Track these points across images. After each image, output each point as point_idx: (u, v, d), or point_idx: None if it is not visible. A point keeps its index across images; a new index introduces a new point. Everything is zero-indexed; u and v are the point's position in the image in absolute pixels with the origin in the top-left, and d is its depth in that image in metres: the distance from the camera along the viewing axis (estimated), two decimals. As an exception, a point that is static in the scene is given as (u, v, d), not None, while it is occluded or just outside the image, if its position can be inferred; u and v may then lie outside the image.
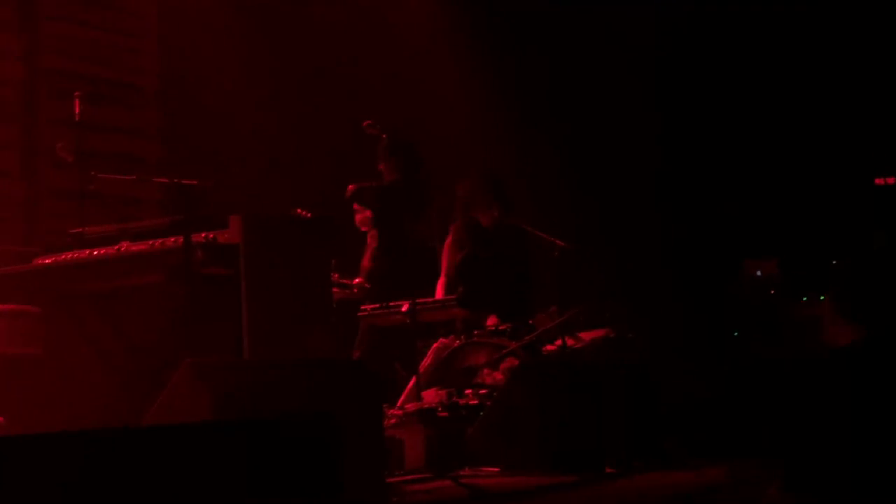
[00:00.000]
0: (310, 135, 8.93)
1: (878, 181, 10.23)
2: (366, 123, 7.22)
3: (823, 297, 8.78)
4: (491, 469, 5.89)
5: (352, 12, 9.21)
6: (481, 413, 6.19)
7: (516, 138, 9.47)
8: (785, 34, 9.95)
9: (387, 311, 6.96)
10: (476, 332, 7.03)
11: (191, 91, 8.43)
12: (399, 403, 6.62)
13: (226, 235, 5.14)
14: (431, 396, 6.45)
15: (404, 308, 6.72)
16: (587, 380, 6.24)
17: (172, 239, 5.18)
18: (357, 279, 7.46)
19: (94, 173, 6.10)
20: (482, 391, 6.52)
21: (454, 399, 6.40)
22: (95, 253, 5.40)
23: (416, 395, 6.42)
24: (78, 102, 6.04)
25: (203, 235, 5.12)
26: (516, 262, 7.61)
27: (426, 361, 6.98)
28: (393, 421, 6.14)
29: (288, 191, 8.22)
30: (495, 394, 6.33)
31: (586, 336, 7.13)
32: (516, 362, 6.66)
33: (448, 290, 7.39)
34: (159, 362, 4.96)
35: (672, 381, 6.87)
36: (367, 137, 7.30)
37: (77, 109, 6.04)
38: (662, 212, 9.83)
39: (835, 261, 9.21)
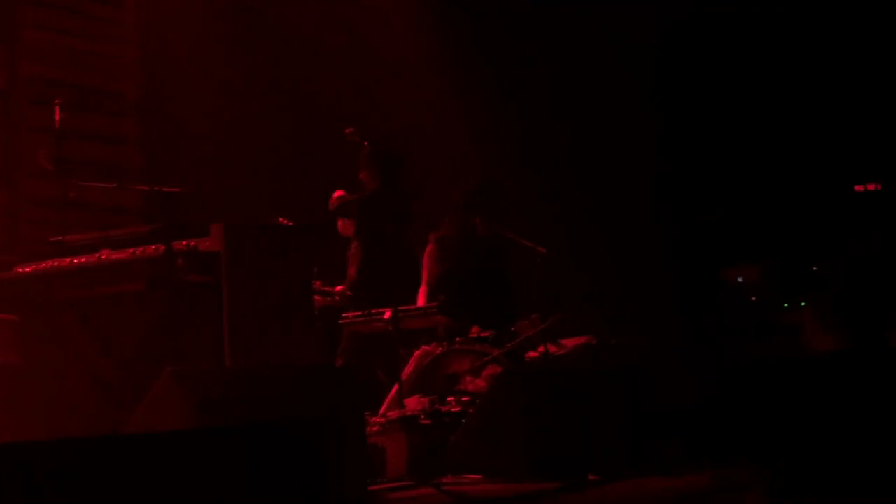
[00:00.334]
0: (291, 142, 8.92)
1: (858, 188, 10.28)
2: (348, 131, 7.23)
3: (804, 304, 8.81)
4: (473, 476, 5.88)
5: (334, 19, 9.20)
6: (464, 420, 6.18)
7: (501, 145, 9.47)
8: (764, 44, 9.99)
9: (369, 319, 6.95)
10: (458, 340, 7.02)
11: (171, 99, 8.41)
12: (381, 411, 6.62)
13: (207, 243, 5.14)
14: (414, 404, 6.44)
15: (386, 315, 6.72)
16: (570, 386, 6.24)
17: (153, 247, 5.18)
18: (339, 287, 7.45)
19: (75, 181, 6.10)
20: (464, 398, 6.51)
21: (436, 406, 6.39)
22: (76, 261, 5.40)
23: (399, 403, 6.41)
24: (58, 110, 6.03)
25: (184, 243, 5.11)
26: (498, 270, 7.61)
27: (408, 369, 6.97)
28: (375, 428, 6.13)
29: (269, 199, 8.21)
30: (478, 401, 6.32)
31: (568, 343, 7.13)
32: (499, 369, 6.65)
33: (429, 299, 7.38)
34: (140, 370, 4.95)
35: (654, 387, 6.87)
36: (349, 145, 7.30)
37: (57, 117, 6.02)
38: (647, 218, 9.85)
39: (815, 267, 9.25)
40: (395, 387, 6.58)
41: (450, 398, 6.53)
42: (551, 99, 9.73)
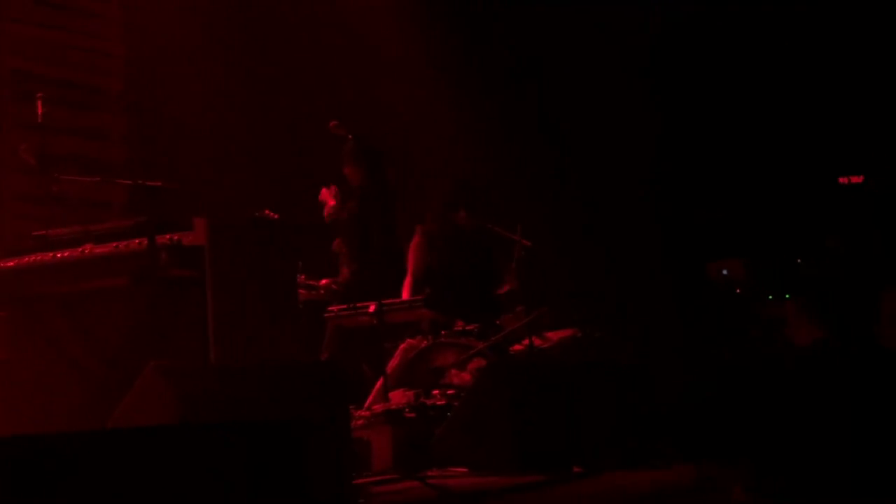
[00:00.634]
0: (276, 136, 8.91)
1: (842, 180, 10.30)
2: (332, 124, 7.22)
3: (788, 297, 8.83)
4: (459, 469, 5.89)
5: (321, 14, 9.19)
6: (449, 413, 6.19)
7: (487, 139, 9.47)
8: (747, 39, 10.01)
9: (353, 312, 6.95)
10: (443, 333, 7.03)
11: (155, 93, 8.39)
12: (366, 404, 6.62)
13: (191, 238, 5.13)
14: (399, 397, 6.44)
15: (371, 309, 6.72)
16: (555, 379, 6.25)
17: (137, 241, 5.16)
18: (324, 280, 7.44)
19: (58, 175, 6.06)
20: (450, 392, 6.52)
21: (422, 400, 6.40)
22: (59, 255, 5.37)
23: (384, 396, 6.41)
24: (41, 105, 6.00)
25: (168, 237, 5.10)
26: (483, 263, 7.61)
27: (393, 362, 6.97)
28: (360, 422, 6.13)
29: (254, 193, 8.19)
30: (463, 394, 6.33)
31: (553, 336, 7.14)
32: (484, 363, 6.66)
33: (414, 291, 7.38)
34: (124, 365, 4.94)
35: (639, 381, 6.88)
36: (334, 138, 7.29)
37: (40, 112, 6.00)
38: (631, 212, 9.86)
39: (799, 261, 9.27)
40: (380, 380, 6.58)
41: (435, 391, 6.54)
42: (541, 95, 9.73)
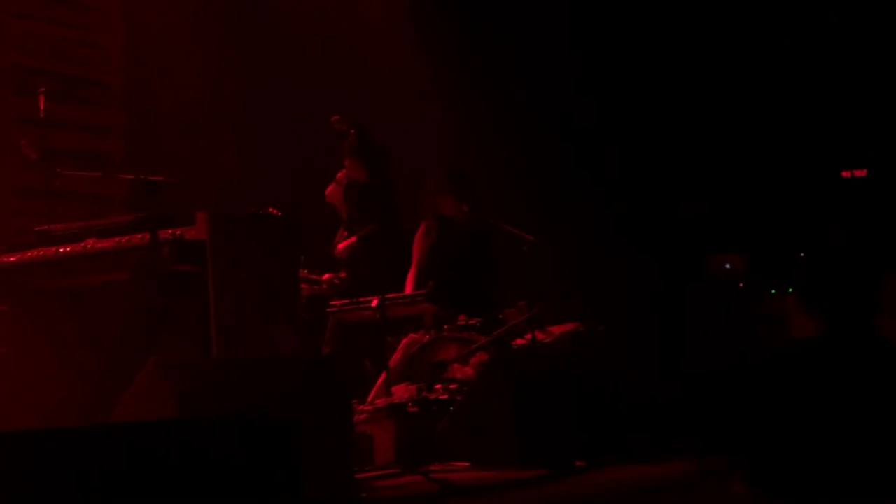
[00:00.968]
0: (277, 130, 8.90)
1: (845, 174, 10.29)
2: (334, 119, 7.20)
3: (791, 291, 8.82)
4: (461, 464, 5.89)
5: (319, 10, 9.18)
6: (451, 408, 6.19)
7: (484, 132, 9.47)
8: (750, 29, 9.99)
9: (356, 307, 6.95)
10: (446, 327, 7.02)
11: (156, 88, 8.38)
12: (369, 399, 6.62)
13: (192, 232, 5.12)
14: (401, 392, 6.44)
15: (374, 303, 6.72)
16: (557, 374, 6.24)
17: (139, 236, 5.15)
18: (326, 275, 7.44)
19: (59, 170, 6.07)
20: (452, 386, 6.52)
21: (424, 394, 6.39)
22: (61, 250, 5.37)
23: (386, 391, 6.41)
24: (42, 99, 6.00)
25: (170, 232, 5.09)
26: (485, 258, 7.60)
27: (396, 357, 6.97)
28: (363, 416, 6.13)
29: (255, 187, 8.19)
30: (465, 389, 6.33)
31: (556, 330, 7.13)
32: (486, 357, 6.66)
33: (418, 283, 7.37)
34: (126, 360, 4.93)
35: (641, 375, 6.88)
36: (335, 133, 7.28)
37: (42, 106, 5.99)
38: (630, 205, 9.86)
39: (802, 254, 9.26)
40: (383, 375, 6.58)
41: (437, 386, 6.53)
42: (536, 87, 9.72)
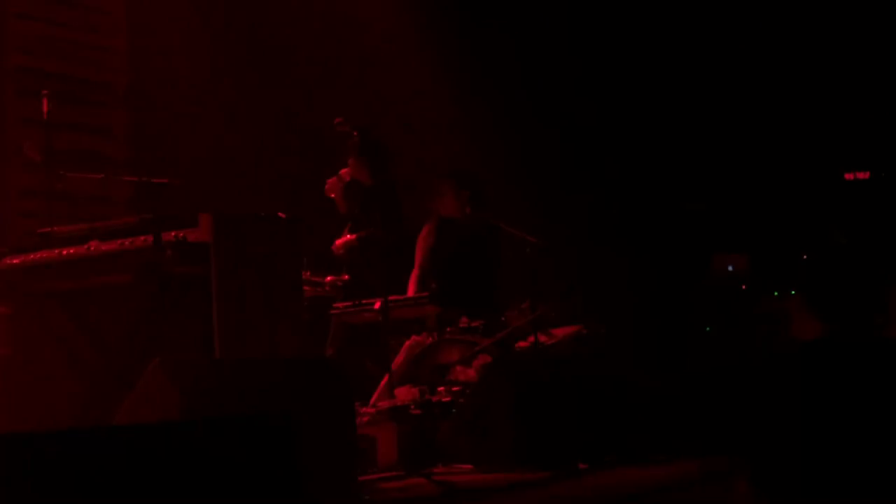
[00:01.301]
0: (280, 133, 8.90)
1: (848, 176, 10.29)
2: (336, 121, 7.20)
3: (794, 293, 8.82)
4: (464, 466, 5.90)
5: (320, 9, 9.18)
6: (454, 410, 6.19)
7: (486, 133, 9.47)
8: (753, 30, 9.99)
9: (359, 309, 6.94)
10: (449, 329, 7.02)
11: (160, 89, 8.38)
12: (372, 401, 6.61)
13: (196, 234, 5.12)
14: (404, 394, 6.44)
15: (376, 306, 6.71)
16: (559, 376, 6.24)
17: (142, 238, 5.16)
18: (328, 277, 7.43)
19: (63, 172, 6.07)
20: (455, 388, 6.51)
21: (427, 396, 6.39)
22: (64, 252, 5.38)
23: (389, 393, 6.41)
24: (45, 101, 6.00)
25: (173, 234, 5.10)
26: (488, 259, 7.60)
27: (399, 359, 6.96)
28: (366, 419, 6.13)
29: (258, 189, 8.20)
30: (468, 391, 6.33)
31: (559, 332, 7.13)
32: (489, 359, 6.66)
33: (420, 284, 7.37)
34: (129, 361, 4.94)
35: (644, 377, 6.88)
36: (338, 135, 7.28)
37: (45, 108, 6.00)
38: (632, 206, 9.85)
39: (805, 255, 9.25)
40: (386, 377, 6.58)
41: (440, 388, 6.53)
42: (537, 87, 9.72)
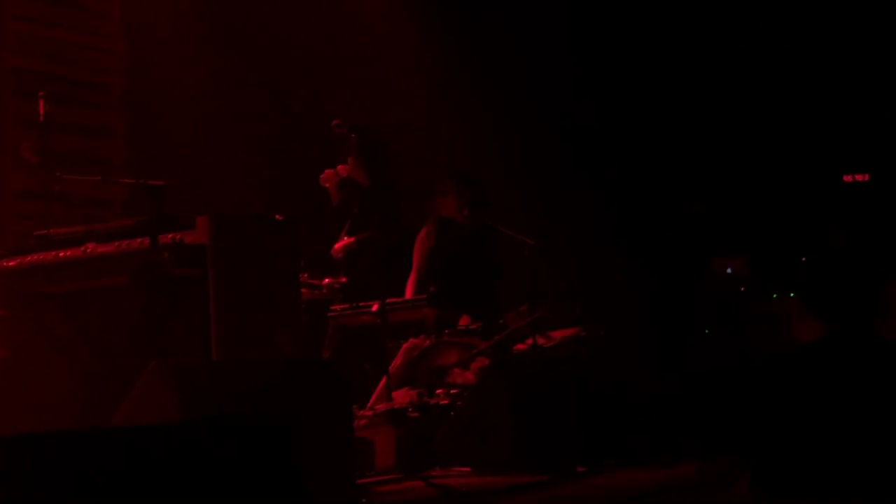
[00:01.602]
0: (277, 135, 8.89)
1: (847, 178, 10.29)
2: (334, 123, 7.19)
3: (793, 294, 8.80)
4: (462, 469, 5.89)
5: (319, 11, 9.18)
6: (452, 413, 6.18)
7: (486, 135, 9.46)
8: (752, 33, 9.99)
9: (356, 311, 6.94)
10: (446, 332, 7.01)
11: (157, 91, 8.37)
12: (369, 404, 6.61)
13: (193, 236, 5.11)
14: (402, 396, 6.43)
15: (374, 308, 6.70)
16: (558, 378, 6.23)
17: (139, 240, 5.14)
18: (326, 279, 7.42)
19: (59, 174, 6.05)
20: (453, 391, 6.50)
21: (425, 399, 6.38)
22: (61, 254, 5.36)
23: (387, 396, 6.40)
24: (42, 102, 5.99)
25: (170, 236, 5.08)
26: (487, 261, 7.59)
27: (396, 361, 6.96)
28: (363, 422, 6.12)
29: (256, 190, 8.19)
30: (466, 393, 6.32)
31: (557, 335, 7.12)
32: (487, 362, 6.64)
33: (418, 287, 7.36)
34: (127, 364, 4.92)
35: (643, 379, 6.87)
36: (336, 136, 7.28)
37: (42, 110, 5.98)
38: (634, 209, 9.85)
39: (804, 257, 9.24)
40: (383, 380, 6.57)
41: (438, 391, 6.52)
42: (537, 90, 9.71)
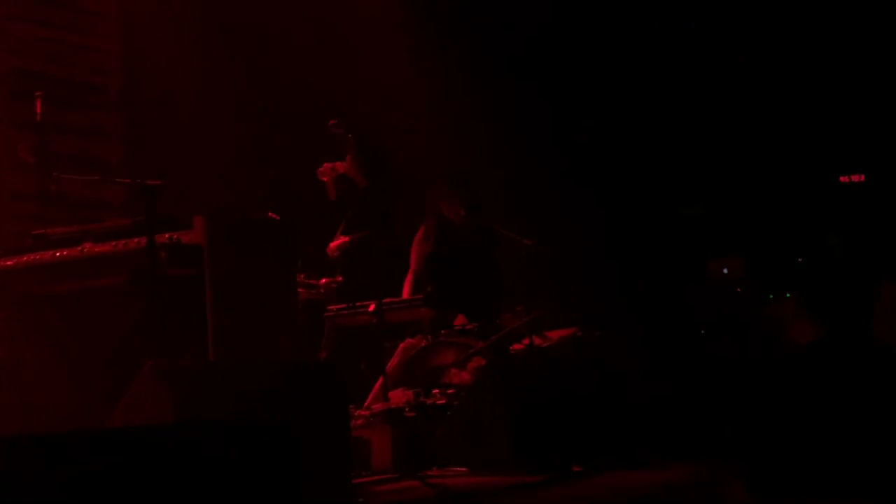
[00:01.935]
0: (274, 134, 8.89)
1: (843, 179, 10.31)
2: (331, 123, 7.20)
3: (789, 295, 8.82)
4: (458, 469, 5.88)
5: (315, 12, 9.18)
6: (449, 413, 6.18)
7: (483, 137, 9.47)
8: (748, 36, 10.00)
9: (353, 311, 6.94)
10: (443, 332, 7.02)
11: (154, 92, 8.37)
12: (366, 404, 6.60)
13: (189, 236, 5.11)
14: (398, 396, 6.43)
15: (371, 308, 6.70)
16: (554, 379, 6.24)
17: (136, 240, 5.15)
18: (323, 279, 7.42)
19: (57, 174, 6.06)
20: (449, 391, 6.51)
21: (421, 399, 6.38)
22: (58, 254, 5.36)
23: (383, 396, 6.40)
24: (39, 103, 5.99)
25: (167, 236, 5.09)
26: (484, 262, 7.60)
27: (393, 361, 6.95)
28: (360, 422, 6.12)
29: (253, 191, 8.18)
30: (462, 393, 6.32)
31: (554, 335, 7.12)
32: (483, 362, 6.65)
33: (415, 287, 7.37)
34: (123, 364, 4.92)
35: (639, 380, 6.88)
36: (333, 136, 7.28)
37: (39, 110, 5.99)
38: (630, 210, 9.86)
39: (801, 258, 9.27)
40: (380, 380, 6.57)
41: (434, 391, 6.52)
42: (535, 91, 9.72)
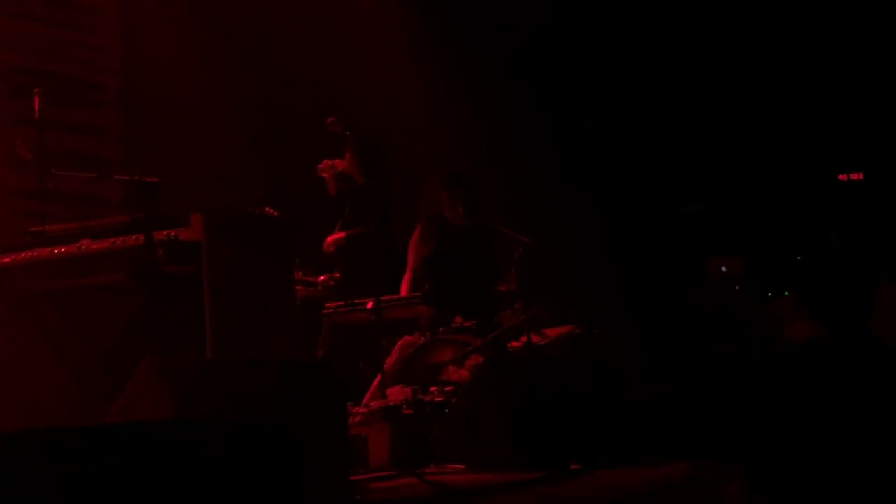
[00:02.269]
0: (272, 133, 8.90)
1: (842, 177, 10.31)
2: (329, 120, 7.19)
3: (787, 294, 8.83)
4: (456, 466, 5.88)
5: (314, 11, 9.18)
6: (446, 410, 6.18)
7: (481, 135, 9.47)
8: (747, 33, 10.00)
9: (351, 309, 6.94)
10: (441, 330, 7.02)
11: (152, 89, 8.37)
12: (364, 401, 6.60)
13: (187, 233, 5.11)
14: (396, 394, 6.43)
15: (369, 305, 6.71)
16: (552, 376, 6.24)
17: (133, 237, 5.15)
18: (321, 276, 7.42)
19: (55, 171, 6.06)
20: (447, 388, 6.51)
21: (419, 396, 6.39)
22: (55, 251, 5.36)
23: (381, 393, 6.40)
24: (38, 100, 5.99)
25: (164, 233, 5.09)
26: (482, 260, 7.60)
27: (391, 359, 6.96)
28: (358, 419, 6.12)
29: (251, 189, 8.18)
30: (460, 391, 6.32)
31: (552, 332, 7.13)
32: (481, 359, 6.65)
33: (413, 286, 7.37)
34: (120, 361, 4.92)
35: (638, 378, 6.88)
36: (331, 134, 7.27)
37: (37, 107, 5.99)
38: (629, 209, 9.86)
39: (799, 257, 9.27)
40: (378, 377, 6.57)
41: (432, 388, 6.52)
42: (534, 89, 9.72)
